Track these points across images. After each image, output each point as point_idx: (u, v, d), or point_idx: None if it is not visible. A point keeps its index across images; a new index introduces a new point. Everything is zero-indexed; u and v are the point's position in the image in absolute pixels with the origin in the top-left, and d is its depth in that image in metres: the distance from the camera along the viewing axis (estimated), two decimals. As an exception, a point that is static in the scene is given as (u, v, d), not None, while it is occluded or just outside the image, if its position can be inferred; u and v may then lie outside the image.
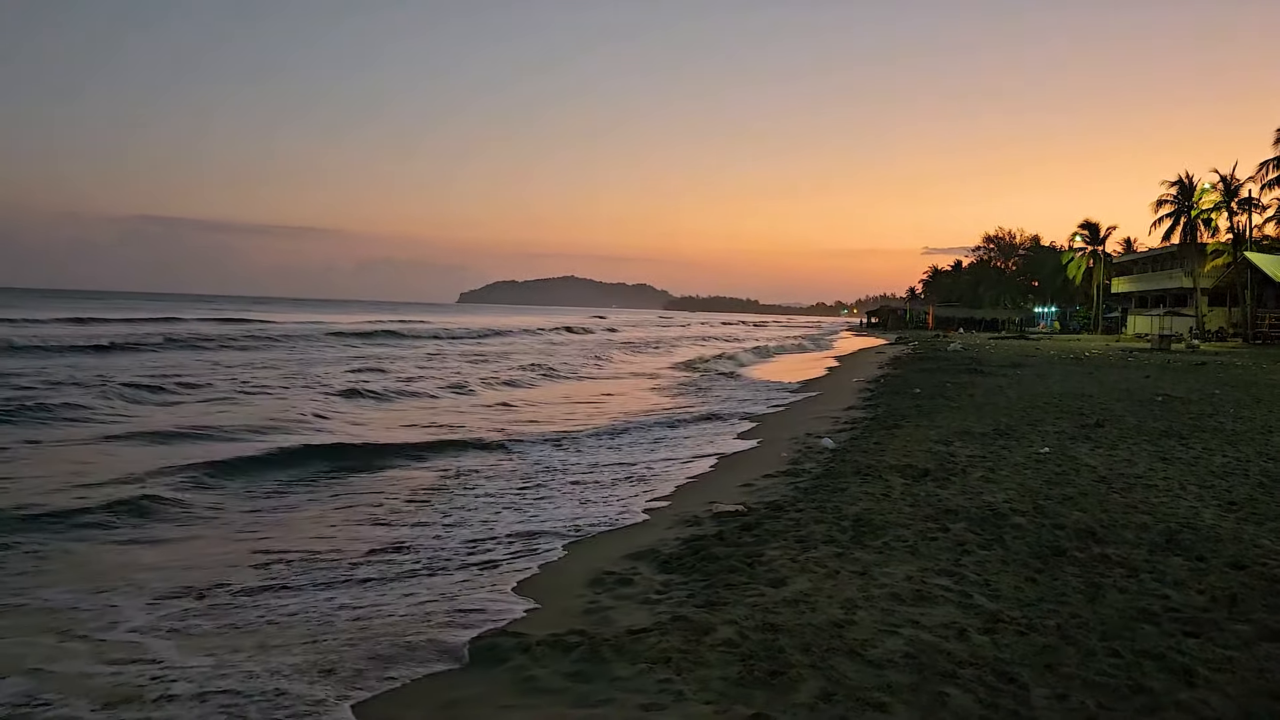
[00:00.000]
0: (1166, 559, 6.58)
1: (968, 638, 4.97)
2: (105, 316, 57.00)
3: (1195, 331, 60.42)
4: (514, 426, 15.77)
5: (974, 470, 9.91)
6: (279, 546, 7.82)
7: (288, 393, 20.00)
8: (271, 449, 12.23)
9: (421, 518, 8.96)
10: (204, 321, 55.29)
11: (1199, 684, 4.47)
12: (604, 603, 5.83)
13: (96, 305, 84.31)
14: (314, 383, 22.26)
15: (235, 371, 25.37)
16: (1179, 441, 12.32)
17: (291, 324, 56.79)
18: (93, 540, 7.94)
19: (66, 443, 12.89)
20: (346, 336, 46.67)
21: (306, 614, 6.00)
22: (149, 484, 9.84)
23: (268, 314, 78.09)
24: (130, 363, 27.20)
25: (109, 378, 20.71)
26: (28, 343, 31.01)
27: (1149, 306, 78.11)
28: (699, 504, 8.74)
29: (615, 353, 43.58)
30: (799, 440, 12.92)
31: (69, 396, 17.24)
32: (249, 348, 36.74)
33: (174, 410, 16.85)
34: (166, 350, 33.55)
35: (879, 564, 6.33)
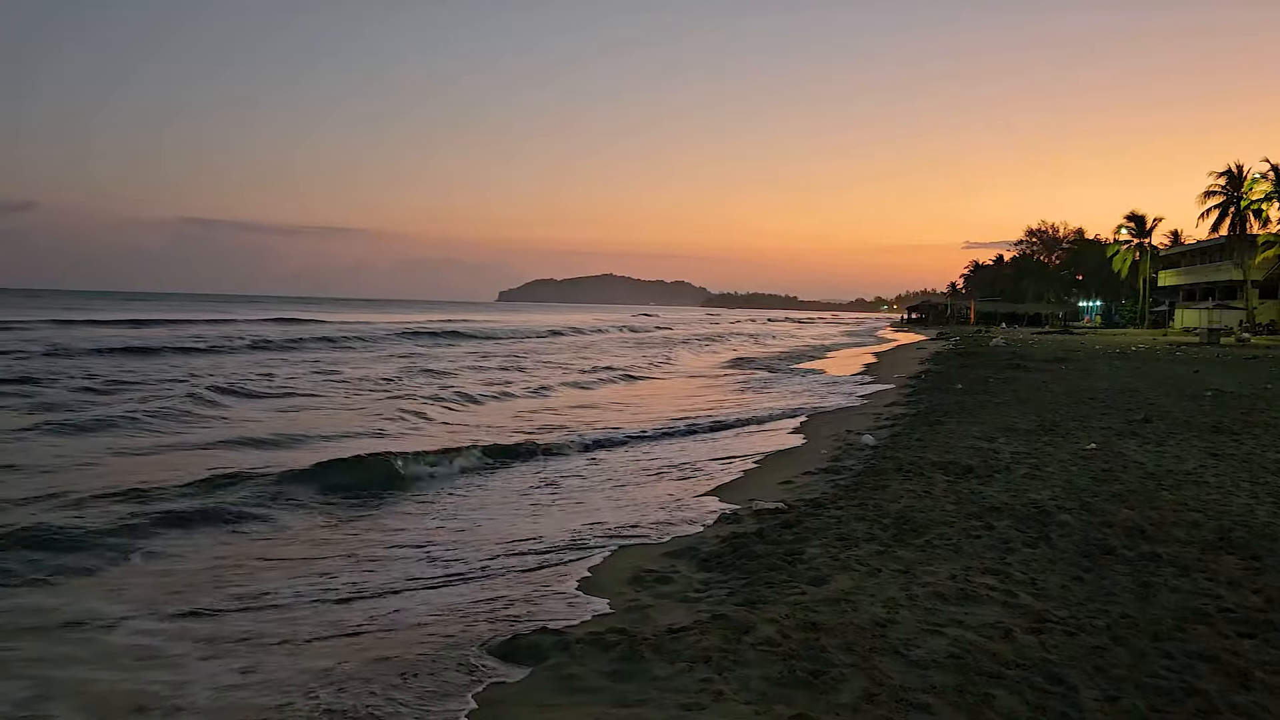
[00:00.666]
0: (1219, 558, 6.42)
1: (1014, 638, 4.87)
2: (192, 318, 60.04)
3: (1245, 325, 59.13)
4: (597, 426, 15.76)
5: (1018, 467, 9.75)
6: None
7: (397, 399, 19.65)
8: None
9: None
10: (278, 323, 57.43)
11: (1255, 687, 4.35)
12: (643, 601, 5.80)
13: (163, 307, 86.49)
14: (415, 389, 22.02)
15: (333, 374, 25.58)
16: (1230, 437, 12.05)
17: (360, 324, 58.02)
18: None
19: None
20: (418, 337, 47.32)
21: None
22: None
23: (327, 314, 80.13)
24: (239, 364, 27.94)
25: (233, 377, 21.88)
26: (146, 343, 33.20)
27: (1197, 300, 76.60)
28: (741, 501, 8.68)
29: (679, 350, 44.14)
30: (840, 437, 12.80)
31: (218, 398, 18.18)
32: (336, 349, 37.73)
33: (302, 414, 17.02)
34: (256, 352, 34.22)
35: (922, 562, 6.24)
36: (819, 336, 69.13)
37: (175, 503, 8.94)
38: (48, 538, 7.53)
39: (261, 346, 36.44)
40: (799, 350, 46.35)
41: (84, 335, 37.17)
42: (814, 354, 43.41)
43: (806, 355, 41.66)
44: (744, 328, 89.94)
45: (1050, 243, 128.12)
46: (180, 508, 8.75)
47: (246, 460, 11.47)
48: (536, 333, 58.61)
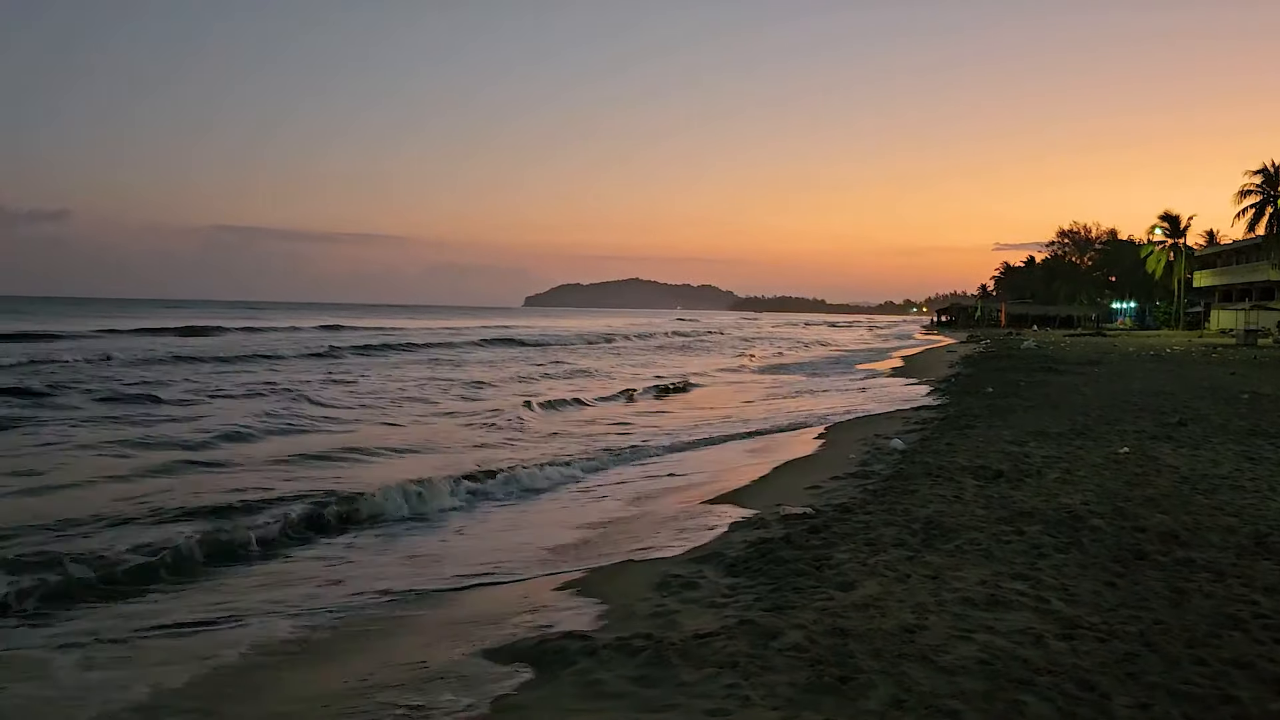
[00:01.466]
0: (1255, 563, 6.32)
1: (1044, 644, 4.82)
2: (273, 325, 62.78)
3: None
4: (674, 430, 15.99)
5: (1049, 471, 9.65)
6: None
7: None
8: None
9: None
10: (338, 330, 59.45)
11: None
12: (670, 606, 5.79)
13: (206, 313, 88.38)
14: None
15: (429, 380, 26.22)
16: (1268, 441, 11.87)
17: (424, 331, 60.74)
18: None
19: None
20: (491, 345, 47.84)
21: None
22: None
23: (386, 320, 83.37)
24: (332, 370, 28.90)
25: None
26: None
27: (1234, 300, 75.50)
28: (768, 506, 8.66)
29: (742, 359, 44.14)
30: (868, 441, 12.73)
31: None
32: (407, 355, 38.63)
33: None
34: (353, 358, 35.29)
35: (951, 568, 6.19)
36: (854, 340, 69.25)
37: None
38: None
39: (366, 352, 38.12)
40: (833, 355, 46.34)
41: (195, 345, 38.99)
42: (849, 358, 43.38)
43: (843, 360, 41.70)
44: (783, 331, 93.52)
45: (1082, 244, 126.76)
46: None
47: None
48: (599, 337, 60.79)
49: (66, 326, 50.19)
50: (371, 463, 12.53)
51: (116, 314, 79.90)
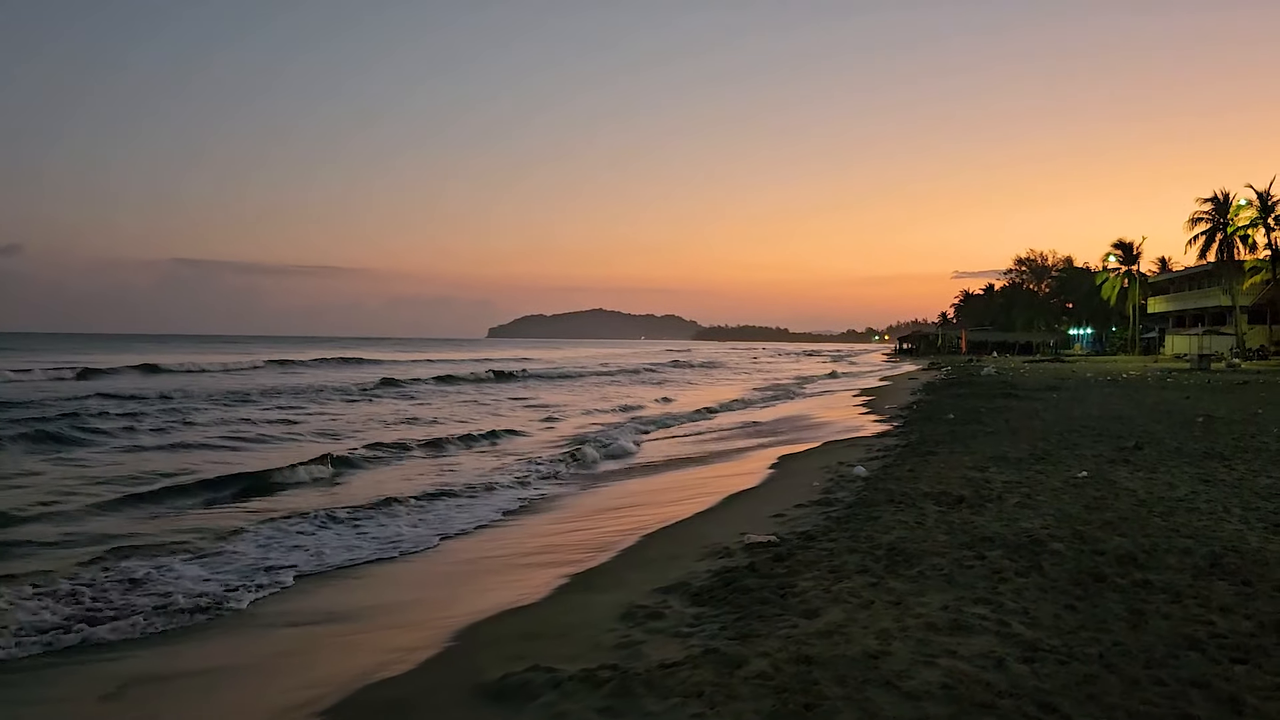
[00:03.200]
0: (1211, 584, 6.41)
1: (1006, 667, 4.86)
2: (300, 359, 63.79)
3: (1236, 350, 59.48)
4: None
5: (1010, 496, 9.75)
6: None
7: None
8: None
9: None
10: (344, 364, 60.32)
11: (1247, 713, 4.34)
12: (635, 637, 5.77)
13: (173, 347, 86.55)
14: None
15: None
16: (1221, 463, 12.08)
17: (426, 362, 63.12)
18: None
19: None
20: (508, 380, 47.72)
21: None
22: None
23: (384, 354, 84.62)
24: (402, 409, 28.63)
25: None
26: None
27: (1187, 326, 77.09)
28: (730, 535, 8.66)
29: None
30: (831, 469, 12.80)
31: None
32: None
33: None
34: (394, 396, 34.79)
35: (914, 593, 6.22)
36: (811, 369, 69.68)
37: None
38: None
39: (397, 387, 38.33)
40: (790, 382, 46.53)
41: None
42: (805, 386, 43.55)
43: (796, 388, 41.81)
44: (754, 359, 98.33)
45: (1039, 271, 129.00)
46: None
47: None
48: (608, 371, 60.63)
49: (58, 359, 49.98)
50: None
51: (57, 350, 78.43)
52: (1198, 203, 66.55)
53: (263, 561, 8.76)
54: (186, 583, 7.90)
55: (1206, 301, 71.67)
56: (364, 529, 10.25)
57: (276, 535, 9.85)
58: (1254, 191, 62.24)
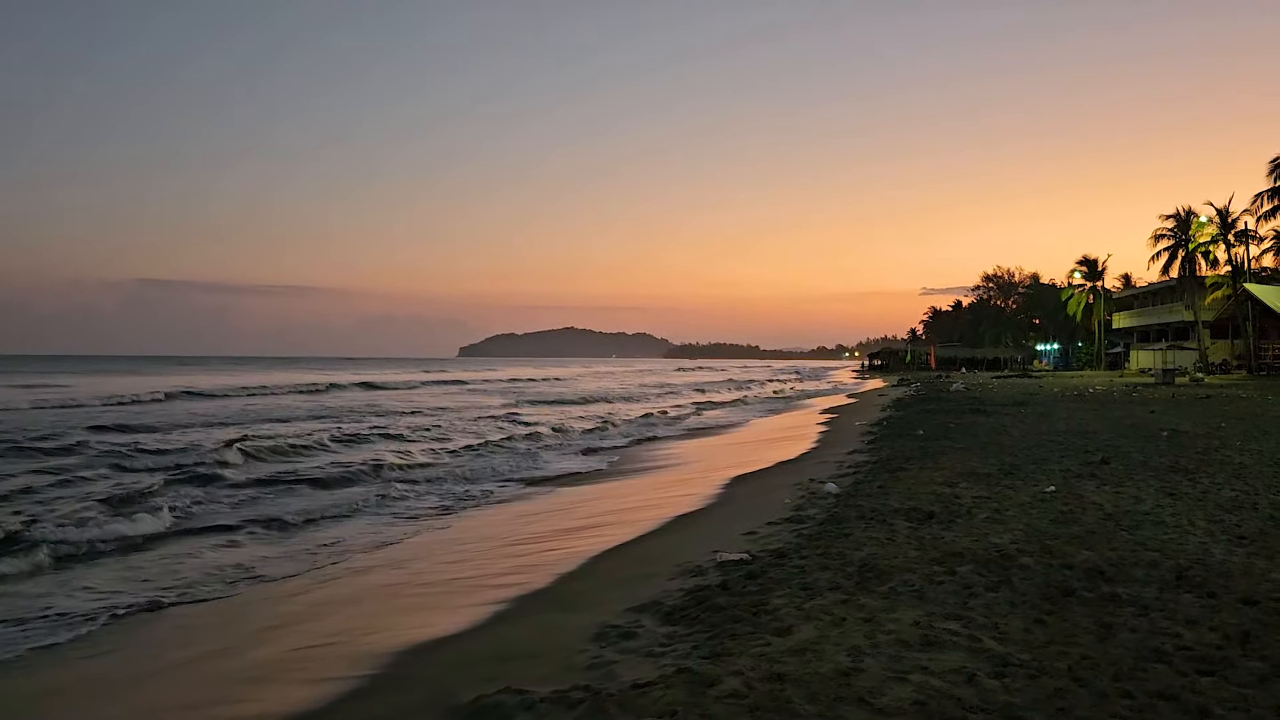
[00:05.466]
0: (1177, 596, 6.49)
1: (977, 682, 4.88)
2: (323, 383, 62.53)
3: (1199, 364, 60.38)
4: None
5: (979, 511, 9.82)
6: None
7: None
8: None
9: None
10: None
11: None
12: (608, 657, 5.75)
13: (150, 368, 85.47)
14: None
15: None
16: (1186, 476, 12.23)
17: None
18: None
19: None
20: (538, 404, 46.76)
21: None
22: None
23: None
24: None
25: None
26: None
27: (1151, 341, 78.16)
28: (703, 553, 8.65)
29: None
30: (802, 485, 12.83)
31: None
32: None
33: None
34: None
35: (885, 610, 6.25)
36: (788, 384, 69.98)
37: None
38: None
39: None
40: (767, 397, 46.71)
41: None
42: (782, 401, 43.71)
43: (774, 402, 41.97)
44: (733, 375, 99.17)
45: (1006, 287, 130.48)
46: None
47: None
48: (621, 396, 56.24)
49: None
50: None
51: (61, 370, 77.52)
52: (1160, 219, 67.77)
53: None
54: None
55: (1170, 317, 72.74)
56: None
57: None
58: (1214, 209, 63.43)
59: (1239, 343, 62.77)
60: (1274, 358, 57.94)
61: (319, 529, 12.36)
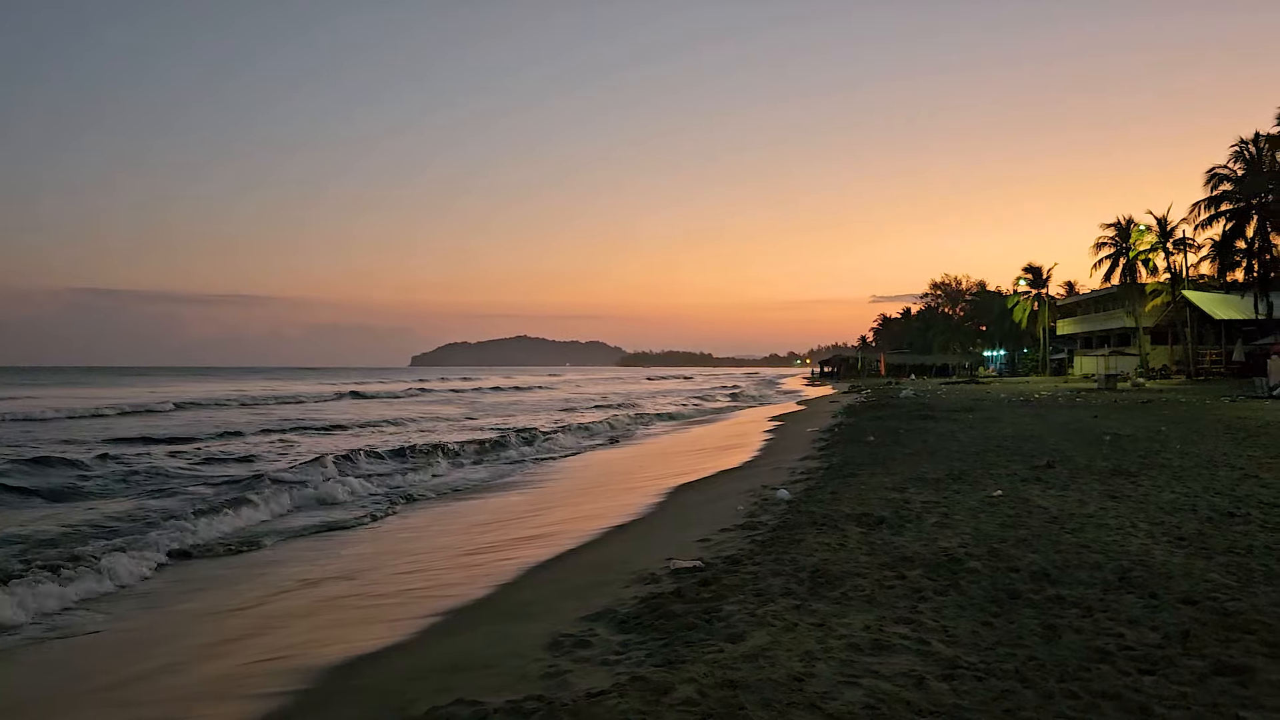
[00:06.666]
0: (1120, 597, 6.63)
1: (926, 685, 4.95)
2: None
3: (1140, 370, 61.75)
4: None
5: (929, 516, 9.96)
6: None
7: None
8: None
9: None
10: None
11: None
12: (562, 666, 5.74)
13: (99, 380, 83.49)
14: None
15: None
16: (1128, 479, 12.50)
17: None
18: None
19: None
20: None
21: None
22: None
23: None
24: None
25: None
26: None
27: (1094, 347, 79.81)
28: (657, 561, 8.68)
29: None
30: (755, 492, 12.92)
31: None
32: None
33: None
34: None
35: (837, 615, 6.31)
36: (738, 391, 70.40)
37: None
38: None
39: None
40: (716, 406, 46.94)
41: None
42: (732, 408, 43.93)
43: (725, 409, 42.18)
44: (673, 385, 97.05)
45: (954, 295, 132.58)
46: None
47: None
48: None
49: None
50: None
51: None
52: (1102, 228, 69.34)
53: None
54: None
55: (1112, 323, 74.37)
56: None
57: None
58: (1154, 218, 65.01)
59: (1178, 348, 64.35)
60: (1211, 362, 59.47)
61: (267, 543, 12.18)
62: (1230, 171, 51.93)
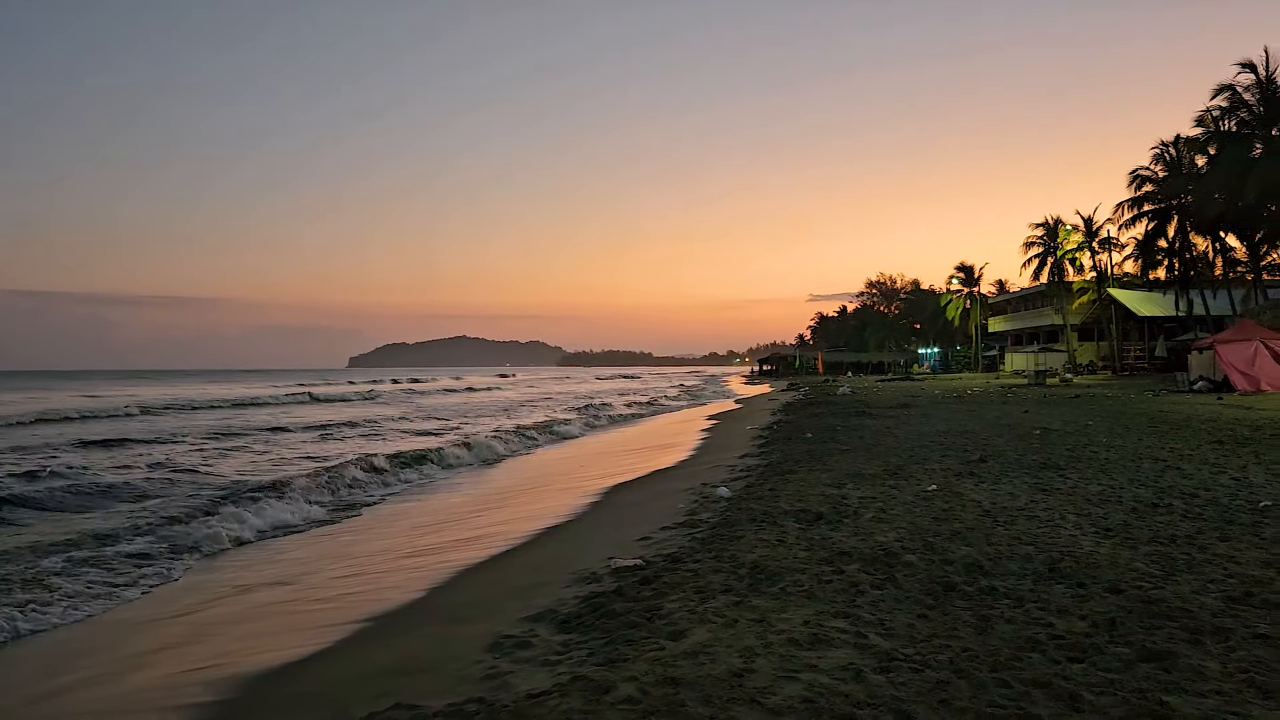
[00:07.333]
0: (1050, 588, 6.79)
1: (864, 678, 5.02)
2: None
3: (1068, 366, 63.34)
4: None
5: (866, 511, 10.10)
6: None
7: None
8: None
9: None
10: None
11: (1084, 708, 4.61)
12: (503, 667, 5.71)
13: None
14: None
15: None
16: (1057, 473, 12.80)
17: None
18: None
19: None
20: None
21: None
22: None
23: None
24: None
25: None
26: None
27: (1024, 344, 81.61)
28: (598, 560, 8.68)
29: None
30: (695, 490, 12.98)
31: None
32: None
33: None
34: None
35: (776, 610, 6.37)
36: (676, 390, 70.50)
37: None
38: None
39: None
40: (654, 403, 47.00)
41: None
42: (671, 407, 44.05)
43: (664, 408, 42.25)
44: (623, 384, 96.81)
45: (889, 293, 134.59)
46: None
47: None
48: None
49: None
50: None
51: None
52: (1031, 228, 70.98)
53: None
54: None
55: (1041, 321, 76.16)
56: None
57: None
58: (1080, 217, 66.83)
59: (1104, 344, 66.16)
60: (1135, 358, 61.26)
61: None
62: (1152, 173, 53.44)
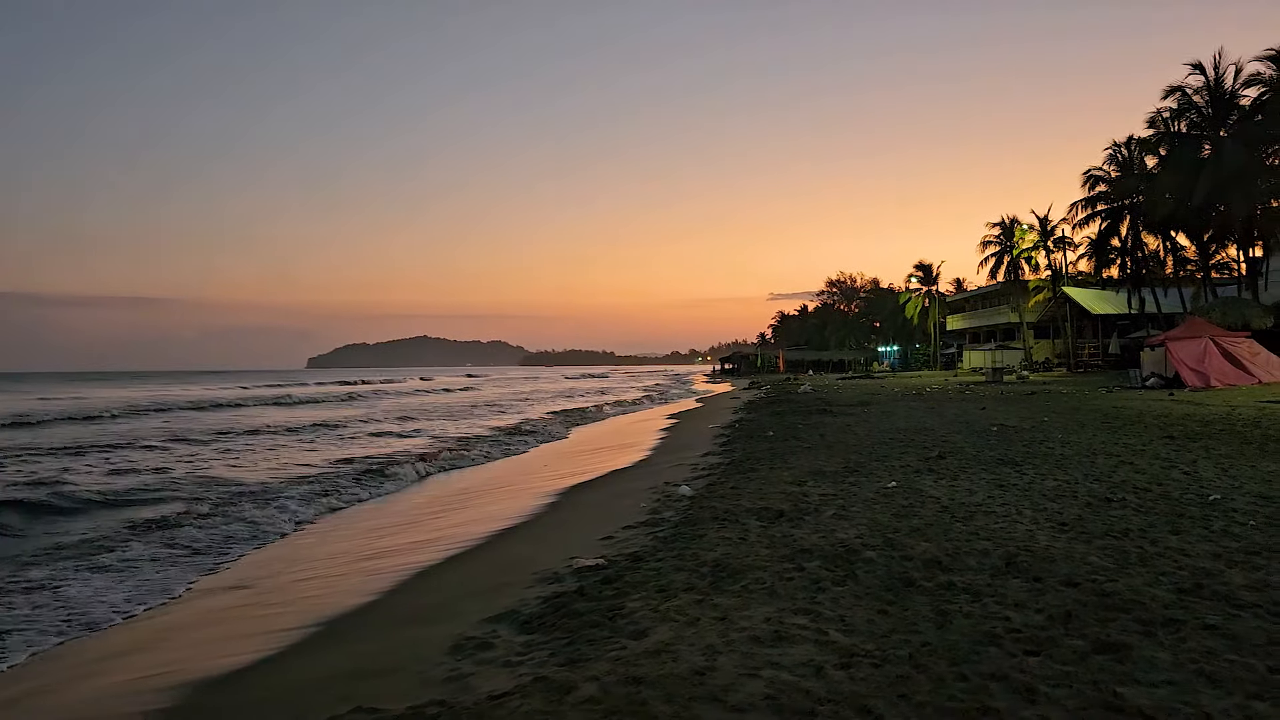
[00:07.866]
0: (1007, 582, 6.88)
1: (825, 674, 5.05)
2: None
3: (1024, 363, 64.18)
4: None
5: (826, 508, 10.16)
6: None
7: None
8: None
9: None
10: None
11: (1040, 700, 4.67)
12: (464, 669, 5.68)
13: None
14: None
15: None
16: (1013, 469, 12.96)
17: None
18: None
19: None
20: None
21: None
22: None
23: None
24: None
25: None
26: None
27: (982, 341, 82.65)
28: (560, 560, 8.65)
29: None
30: (657, 489, 12.99)
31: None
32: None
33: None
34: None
35: (738, 608, 6.39)
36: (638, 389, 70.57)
37: None
38: None
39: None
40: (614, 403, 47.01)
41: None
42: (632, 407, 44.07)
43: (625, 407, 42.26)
44: (592, 384, 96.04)
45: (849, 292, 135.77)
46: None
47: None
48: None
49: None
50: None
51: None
52: (988, 228, 71.95)
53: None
54: None
55: (998, 319, 77.19)
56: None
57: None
58: (1036, 217, 67.80)
59: (1059, 342, 67.19)
60: (1090, 355, 62.29)
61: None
62: (1105, 173, 54.30)
